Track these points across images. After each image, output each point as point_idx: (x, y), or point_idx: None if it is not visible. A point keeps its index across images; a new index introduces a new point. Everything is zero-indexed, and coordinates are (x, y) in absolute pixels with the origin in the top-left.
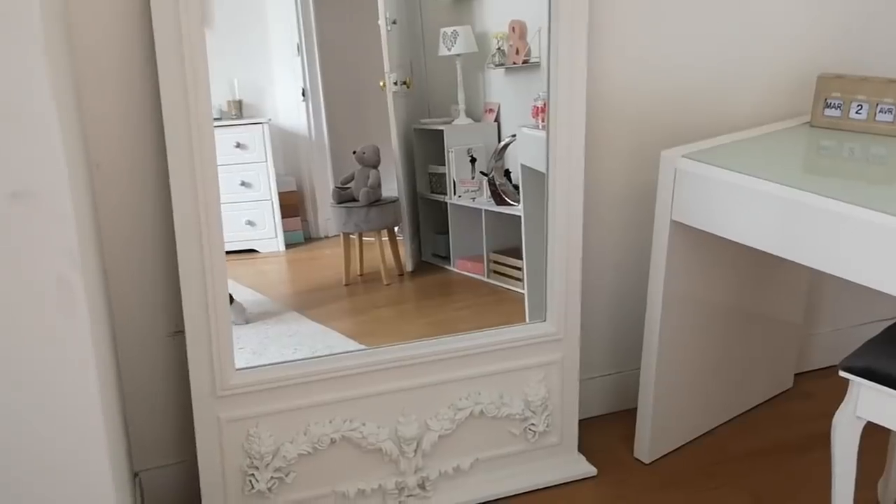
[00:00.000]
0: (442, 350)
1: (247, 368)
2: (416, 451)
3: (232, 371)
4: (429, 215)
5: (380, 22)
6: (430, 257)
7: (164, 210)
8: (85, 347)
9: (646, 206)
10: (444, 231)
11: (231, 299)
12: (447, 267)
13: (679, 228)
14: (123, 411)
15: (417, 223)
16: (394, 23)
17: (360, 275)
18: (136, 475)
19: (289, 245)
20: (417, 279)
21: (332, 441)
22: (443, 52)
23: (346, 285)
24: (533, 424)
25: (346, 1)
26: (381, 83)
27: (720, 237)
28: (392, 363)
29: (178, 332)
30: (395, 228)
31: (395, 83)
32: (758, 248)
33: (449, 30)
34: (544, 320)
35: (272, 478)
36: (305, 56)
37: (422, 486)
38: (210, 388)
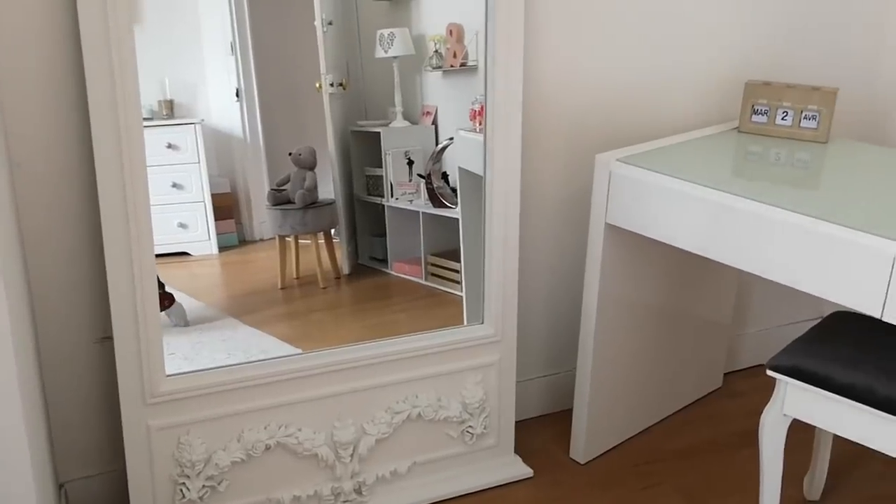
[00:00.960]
0: (378, 353)
1: (178, 374)
2: (352, 455)
3: (162, 377)
4: (366, 218)
5: (315, 23)
6: (368, 260)
7: (92, 211)
8: (5, 354)
9: (582, 208)
10: (382, 234)
11: (172, 300)
12: (385, 270)
13: (613, 231)
14: (48, 420)
15: (354, 226)
16: (330, 24)
17: (296, 278)
18: (61, 486)
19: (222, 248)
20: (354, 282)
21: (267, 447)
22: (380, 53)
23: (282, 289)
24: (470, 427)
25: (281, 0)
26: (317, 84)
27: (653, 240)
28: (327, 367)
29: (107, 338)
30: (332, 231)
31: (332, 84)
32: (687, 249)
33: (386, 32)
34: (482, 322)
35: (204, 486)
36: (239, 55)
37: (358, 492)
38: (139, 394)
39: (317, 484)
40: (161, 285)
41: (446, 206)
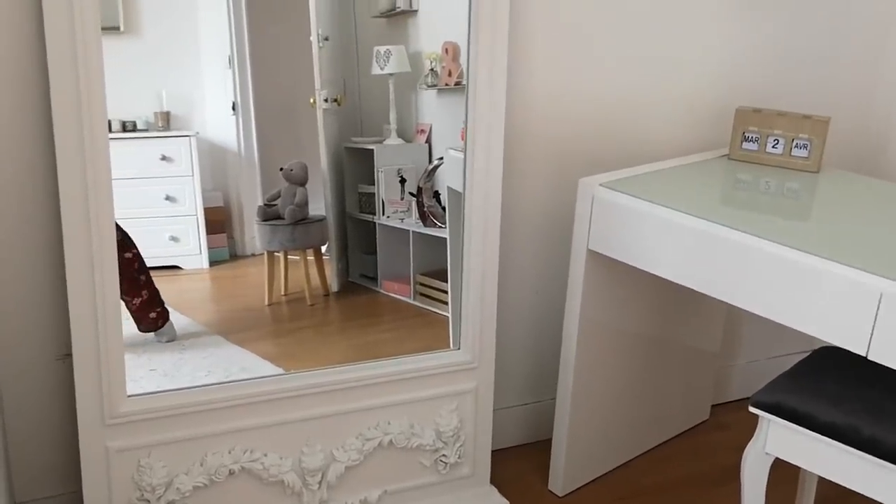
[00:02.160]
0: (349, 378)
1: (139, 395)
2: (320, 482)
3: (123, 398)
4: (357, 235)
5: (311, 38)
6: (358, 278)
7: (55, 223)
8: None
9: (564, 232)
10: (373, 251)
11: (167, 318)
12: (374, 288)
13: (596, 257)
14: (4, 437)
15: (345, 243)
16: (326, 39)
17: (284, 294)
18: None
19: (213, 262)
20: (343, 300)
21: (231, 472)
22: (375, 70)
23: (269, 305)
24: (444, 455)
25: (279, 15)
26: (312, 100)
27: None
28: (295, 391)
29: (68, 355)
30: (323, 248)
31: (326, 100)
32: (672, 280)
33: (382, 48)
34: (458, 348)
35: None
36: (237, 69)
37: None
38: (98, 415)
39: None
40: (160, 302)
41: (437, 226)
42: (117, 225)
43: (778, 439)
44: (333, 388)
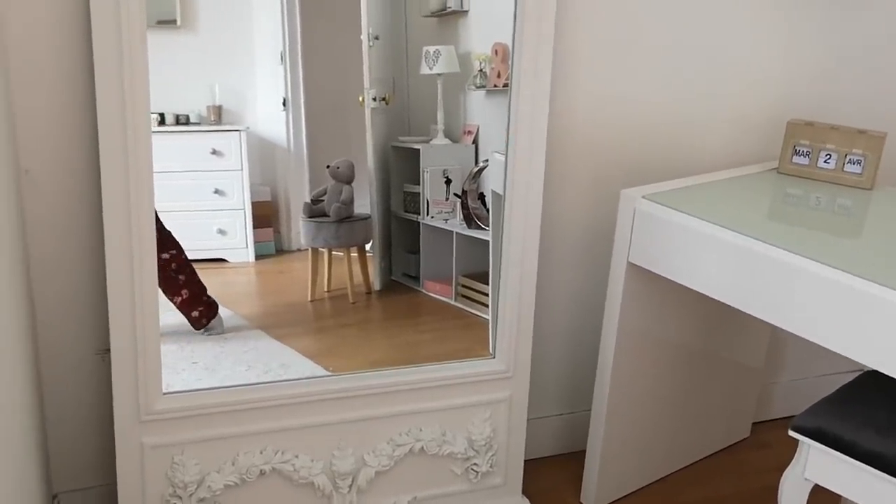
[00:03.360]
0: (381, 383)
1: (174, 393)
2: (350, 486)
3: (158, 395)
4: (401, 234)
5: (362, 37)
6: (401, 277)
7: (98, 222)
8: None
9: (605, 243)
10: (416, 251)
11: (213, 315)
12: (416, 288)
13: (636, 270)
14: (44, 429)
15: (389, 242)
16: (376, 38)
17: (327, 291)
18: (54, 496)
19: (259, 256)
20: (385, 299)
21: (262, 472)
22: (424, 70)
23: (312, 301)
24: (476, 464)
25: (331, 13)
26: (360, 98)
27: None
28: (328, 394)
29: (107, 351)
30: (367, 246)
31: (374, 99)
32: (713, 297)
33: (432, 49)
34: (493, 357)
35: None
36: (289, 65)
37: None
38: (134, 411)
39: None
40: (205, 300)
41: (481, 228)
42: (159, 225)
43: (818, 465)
44: (365, 392)
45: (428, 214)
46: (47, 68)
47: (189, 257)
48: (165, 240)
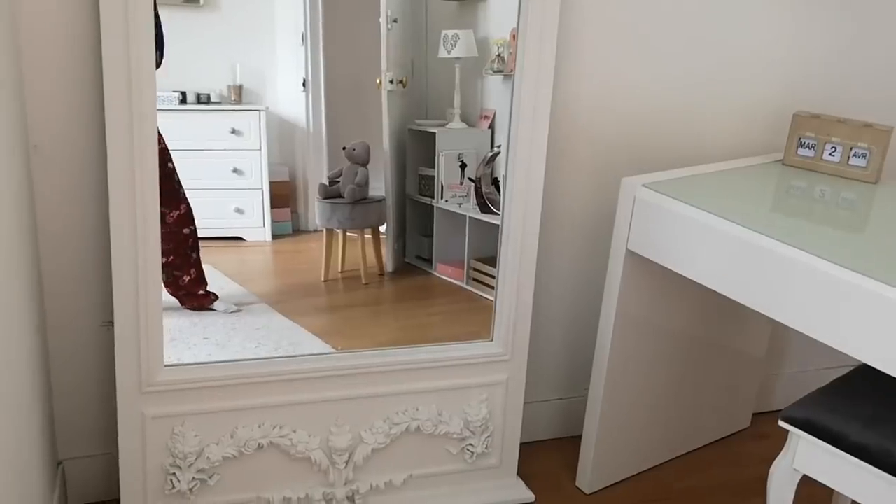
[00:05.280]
0: (380, 362)
1: (175, 366)
2: (347, 462)
3: (160, 367)
4: (416, 217)
5: (380, 20)
6: (414, 259)
7: (104, 196)
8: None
9: (606, 230)
10: (430, 234)
11: (214, 299)
12: (429, 270)
13: (635, 257)
14: (48, 398)
15: (403, 224)
16: (395, 21)
17: (341, 272)
18: (59, 463)
19: (276, 236)
20: (397, 280)
21: (260, 446)
22: (442, 54)
23: (325, 282)
24: (471, 445)
25: None
26: (378, 81)
27: None
28: (325, 372)
29: (111, 323)
30: (381, 228)
31: (391, 82)
32: (712, 288)
33: (450, 32)
34: (491, 340)
35: (194, 479)
36: (310, 46)
37: (351, 499)
38: (136, 382)
39: (309, 487)
40: (206, 282)
41: (493, 213)
42: (185, 199)
43: (807, 456)
44: (362, 371)
45: (442, 198)
46: (56, 46)
47: (207, 235)
48: (188, 214)
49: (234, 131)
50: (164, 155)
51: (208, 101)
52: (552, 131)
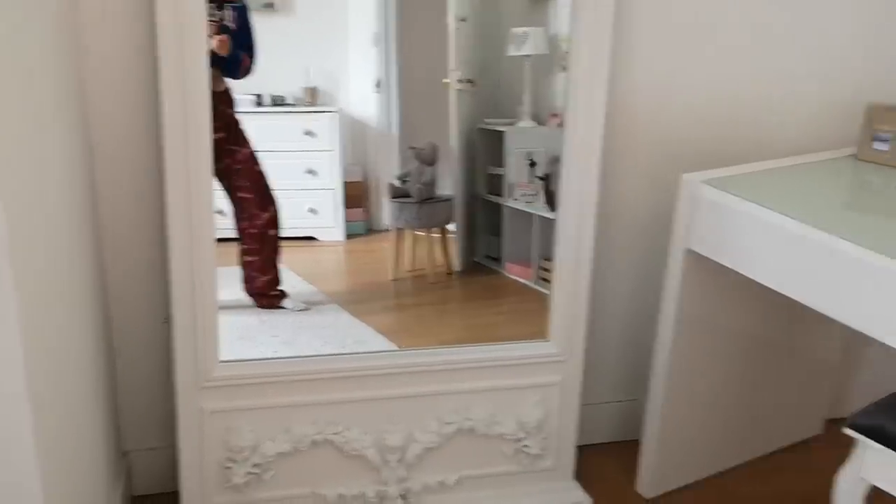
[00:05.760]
0: (432, 361)
1: (231, 361)
2: (399, 461)
3: (216, 363)
4: (485, 216)
5: (448, 19)
6: (483, 258)
7: (163, 196)
8: (9, 327)
9: (668, 227)
10: (499, 233)
11: (284, 295)
12: (497, 269)
13: (696, 257)
14: (114, 393)
15: (472, 223)
16: (462, 20)
17: (409, 271)
18: (125, 453)
19: (349, 235)
20: (465, 279)
21: (314, 443)
22: (511, 52)
23: (394, 280)
24: (526, 446)
25: None
26: (445, 80)
27: None
28: (378, 370)
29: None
30: (449, 227)
31: (459, 81)
32: (777, 290)
33: (520, 30)
34: (547, 340)
35: (250, 473)
36: (383, 46)
37: (404, 497)
38: (193, 378)
39: (363, 485)
40: (278, 282)
41: None
42: (275, 202)
43: (875, 466)
44: (415, 369)
45: (511, 197)
46: (117, 47)
47: (281, 235)
48: (276, 217)
49: (307, 133)
50: (253, 158)
51: (283, 103)
52: (609, 127)
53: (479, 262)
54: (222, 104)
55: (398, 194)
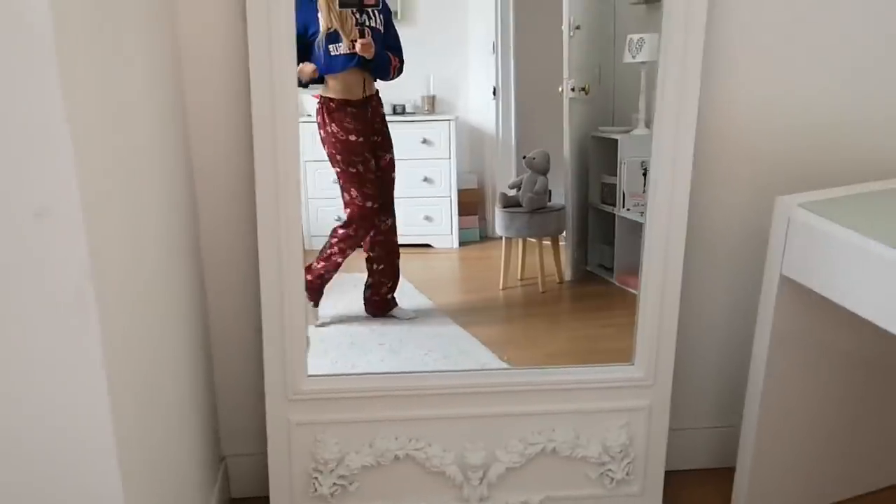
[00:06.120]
0: (514, 381)
1: (318, 376)
2: (481, 479)
3: (303, 377)
4: (598, 225)
5: (563, 27)
6: (596, 268)
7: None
8: (95, 344)
9: (763, 250)
10: (612, 242)
11: (395, 302)
12: (609, 279)
13: (791, 283)
14: (211, 399)
15: (585, 232)
16: (577, 28)
17: (520, 280)
18: (223, 458)
19: (463, 242)
20: (576, 289)
21: (397, 457)
22: (627, 59)
23: (503, 290)
24: (611, 470)
25: (543, 3)
26: (560, 88)
27: None
28: (460, 389)
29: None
30: (560, 236)
31: (573, 89)
32: (874, 322)
33: (636, 37)
34: (632, 363)
35: (335, 484)
36: (500, 55)
37: None
38: (282, 390)
39: (445, 501)
40: (392, 289)
41: None
42: (392, 211)
43: None
44: (498, 389)
45: (624, 206)
46: (215, 70)
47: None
48: (395, 226)
49: (425, 141)
50: (392, 163)
51: (403, 111)
52: (702, 144)
53: (592, 272)
54: (375, 108)
55: (508, 203)
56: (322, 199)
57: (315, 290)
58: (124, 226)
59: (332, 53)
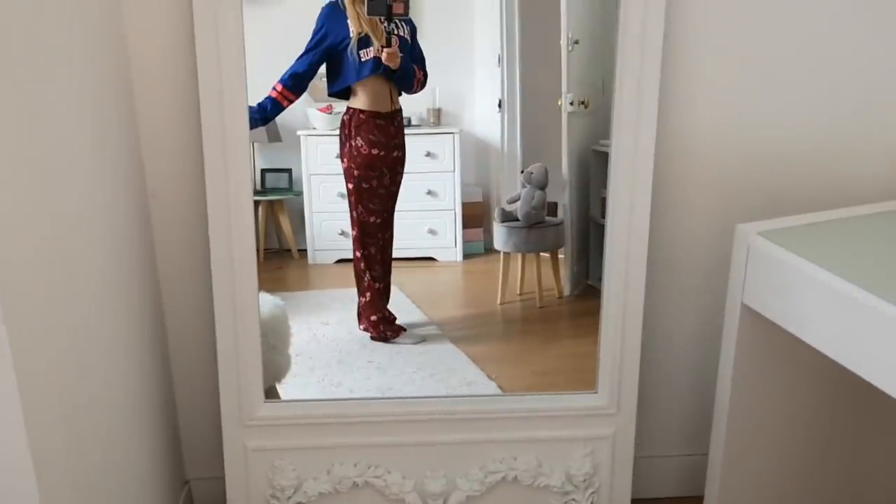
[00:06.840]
0: (475, 409)
1: (273, 402)
2: None
3: (259, 403)
4: (598, 239)
5: (561, 42)
6: (597, 282)
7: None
8: (7, 379)
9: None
10: None
11: (395, 333)
12: None
13: (752, 312)
14: (174, 423)
15: (585, 247)
16: (576, 43)
17: (519, 294)
18: (186, 482)
19: (467, 255)
20: (575, 304)
21: (355, 484)
22: None
23: (501, 304)
24: (574, 500)
25: (547, 16)
26: (559, 102)
27: None
28: (420, 416)
29: None
30: (559, 251)
31: (571, 103)
32: (843, 364)
33: None
34: (595, 391)
35: None
36: (505, 67)
37: None
38: (238, 416)
39: None
40: (386, 310)
41: None
42: (392, 223)
43: None
44: (457, 417)
45: None
46: (168, 103)
47: (400, 256)
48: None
49: (429, 154)
50: (401, 180)
51: (409, 124)
52: (662, 171)
53: (593, 286)
54: (399, 123)
55: (506, 218)
56: (326, 213)
57: (388, 322)
58: (43, 241)
59: (363, 59)
